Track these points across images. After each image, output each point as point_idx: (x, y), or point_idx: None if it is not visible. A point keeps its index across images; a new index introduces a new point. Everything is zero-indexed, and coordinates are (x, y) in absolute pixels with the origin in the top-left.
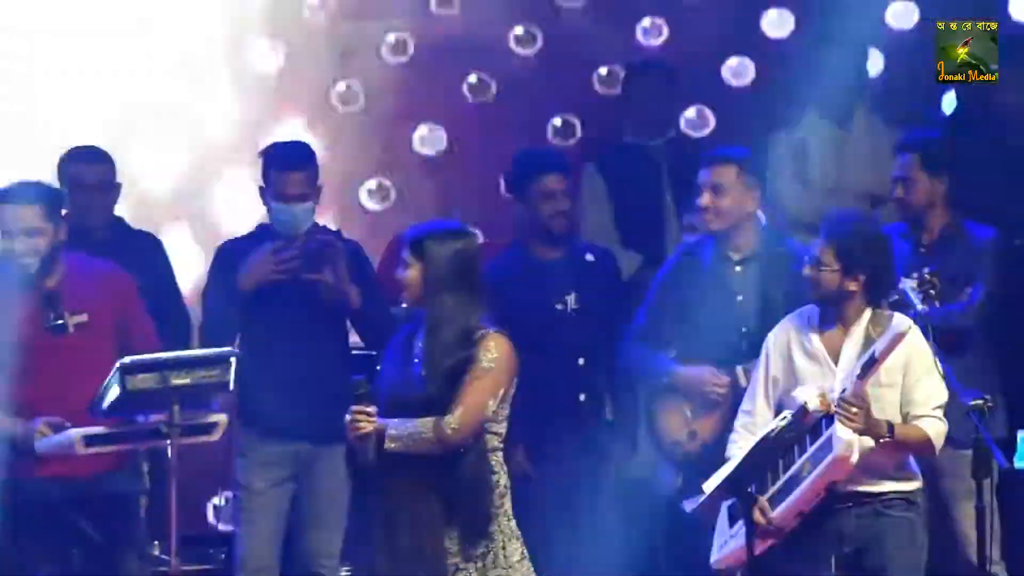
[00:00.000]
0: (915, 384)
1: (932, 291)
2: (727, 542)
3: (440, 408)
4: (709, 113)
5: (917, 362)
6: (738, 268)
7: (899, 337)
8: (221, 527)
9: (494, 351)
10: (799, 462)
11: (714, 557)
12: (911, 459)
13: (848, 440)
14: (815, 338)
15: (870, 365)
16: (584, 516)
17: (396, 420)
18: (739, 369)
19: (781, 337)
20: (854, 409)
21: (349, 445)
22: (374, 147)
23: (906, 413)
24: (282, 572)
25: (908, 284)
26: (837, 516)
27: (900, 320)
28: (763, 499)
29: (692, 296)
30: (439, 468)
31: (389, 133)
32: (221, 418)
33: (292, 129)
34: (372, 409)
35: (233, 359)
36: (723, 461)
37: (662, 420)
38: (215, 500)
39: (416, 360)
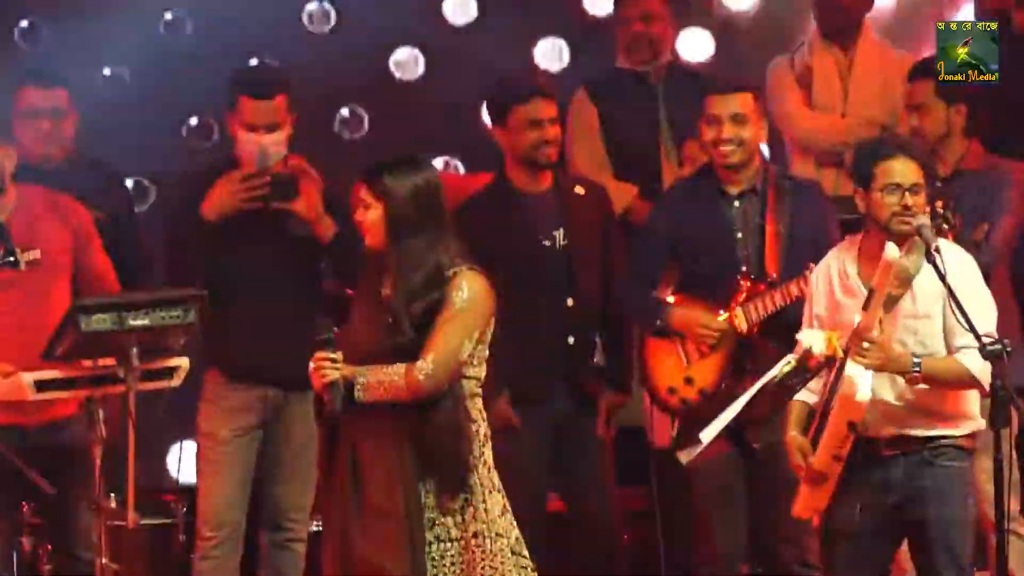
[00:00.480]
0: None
1: (945, 226)
2: None
3: (413, 356)
4: (707, 37)
5: (959, 287)
6: (737, 203)
7: (887, 266)
8: (182, 479)
9: (466, 290)
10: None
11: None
12: (967, 398)
13: (849, 376)
14: (853, 272)
15: (870, 296)
16: (572, 466)
17: (365, 368)
18: (738, 310)
19: (823, 272)
20: (864, 344)
21: (315, 394)
22: (349, 72)
23: (949, 345)
24: (248, 526)
25: (921, 219)
26: (885, 464)
27: (889, 247)
28: (805, 440)
29: (688, 233)
30: (412, 416)
31: (364, 57)
32: (182, 362)
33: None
34: (338, 355)
35: (196, 299)
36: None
37: (655, 366)
38: (176, 450)
39: (383, 305)
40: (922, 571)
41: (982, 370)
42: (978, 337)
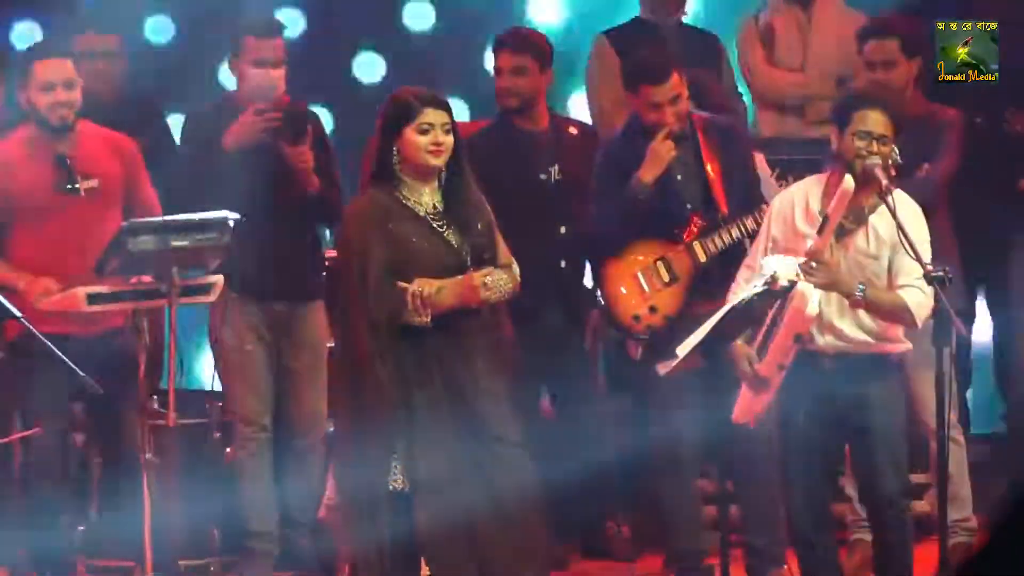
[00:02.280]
0: (899, 252)
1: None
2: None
3: (480, 265)
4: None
5: (908, 226)
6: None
7: (843, 195)
8: (217, 384)
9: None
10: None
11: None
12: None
13: (801, 291)
14: (816, 204)
15: (824, 222)
16: (563, 382)
17: (480, 271)
18: (696, 243)
19: (786, 199)
20: (813, 264)
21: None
22: (361, 20)
23: (891, 285)
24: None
25: (873, 160)
26: (829, 375)
27: (847, 179)
28: (750, 348)
29: (631, 176)
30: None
31: (376, 5)
32: (218, 279)
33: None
34: (494, 270)
35: (229, 222)
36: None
37: (617, 296)
38: (210, 359)
39: (440, 226)
40: (864, 474)
41: (919, 304)
42: (923, 264)
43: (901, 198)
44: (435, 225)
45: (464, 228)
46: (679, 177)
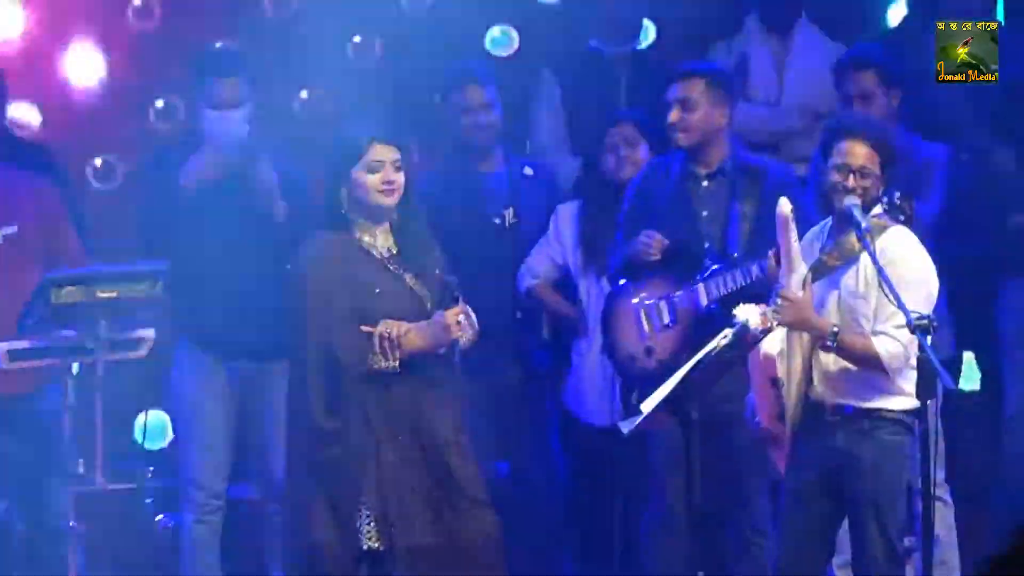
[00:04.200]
0: (883, 296)
1: (901, 216)
2: None
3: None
4: (649, 24)
5: (893, 274)
6: (705, 183)
7: (781, 221)
8: (147, 445)
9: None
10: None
11: None
12: (904, 375)
13: (743, 316)
14: (819, 243)
15: (783, 256)
16: (514, 437)
17: (453, 309)
18: (700, 286)
19: (808, 240)
20: (780, 301)
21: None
22: (306, 56)
23: (872, 329)
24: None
25: (851, 200)
26: (828, 430)
27: (782, 202)
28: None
29: (657, 211)
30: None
31: (319, 42)
32: (148, 333)
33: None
34: (467, 309)
35: (162, 273)
36: None
37: (620, 331)
38: (141, 418)
39: (398, 270)
40: (854, 541)
41: (891, 355)
42: (906, 312)
43: (895, 237)
44: (392, 269)
45: (422, 272)
46: (704, 214)
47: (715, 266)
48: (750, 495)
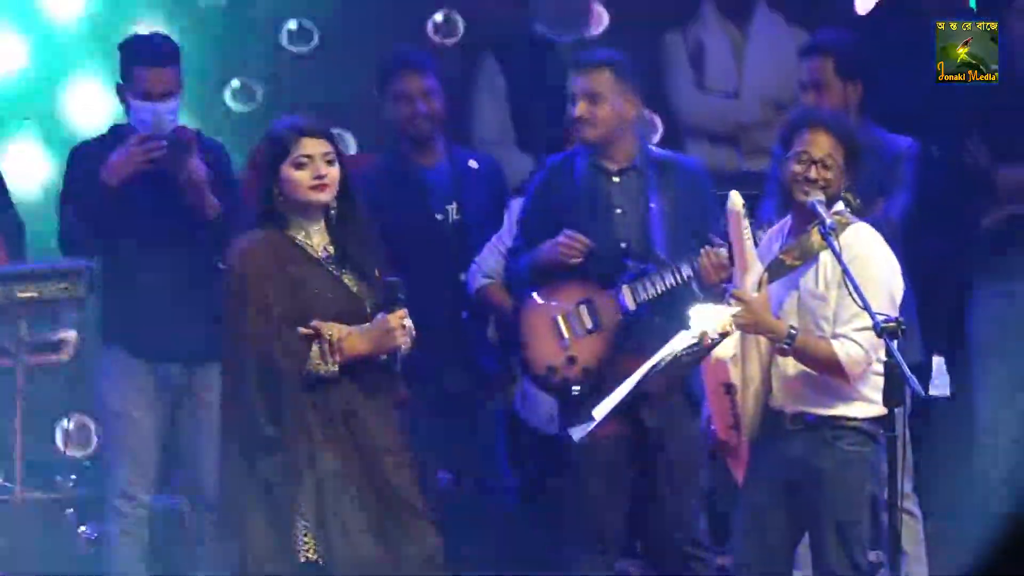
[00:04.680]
0: (846, 296)
1: (848, 208)
2: None
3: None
4: (602, 10)
5: (855, 273)
6: (616, 180)
7: (733, 216)
8: (70, 452)
9: None
10: None
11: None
12: (867, 381)
13: (699, 319)
14: (777, 241)
15: (734, 253)
16: (461, 442)
17: (397, 312)
18: (625, 288)
19: (766, 240)
20: (732, 303)
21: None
22: (239, 43)
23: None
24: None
25: (815, 196)
26: (787, 439)
27: (733, 196)
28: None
29: (565, 212)
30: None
31: (256, 28)
32: (71, 335)
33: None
34: (406, 313)
35: (86, 271)
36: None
37: (534, 342)
38: (64, 424)
39: (336, 269)
40: (815, 557)
41: (851, 360)
42: (872, 314)
43: (858, 234)
44: (331, 269)
45: (361, 272)
46: (618, 211)
47: (638, 266)
48: (693, 510)
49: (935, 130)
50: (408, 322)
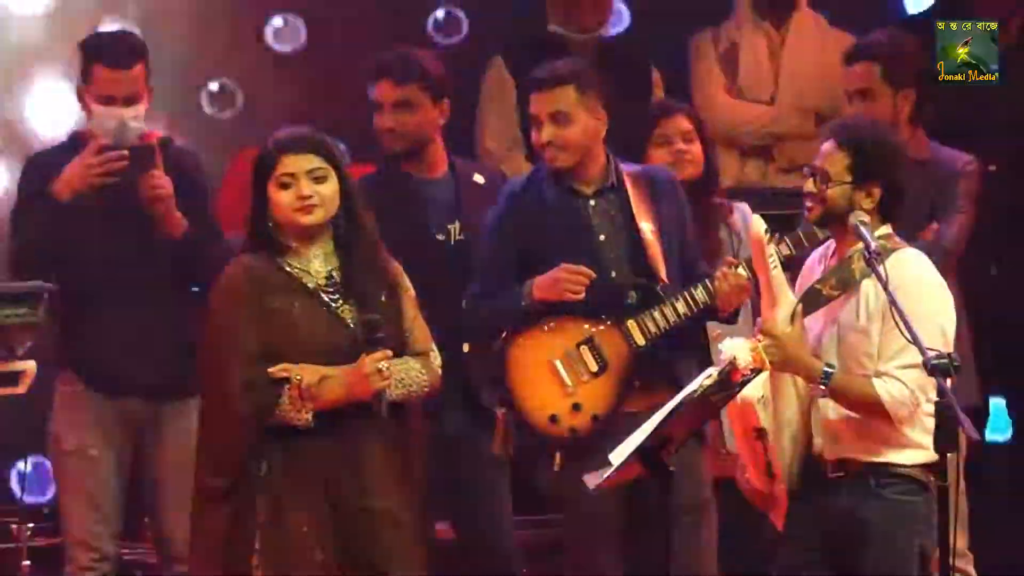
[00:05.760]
0: (891, 330)
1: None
2: None
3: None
4: (622, 7)
5: (903, 306)
6: (592, 203)
7: (755, 243)
8: (27, 498)
9: (406, 277)
10: None
11: None
12: (918, 423)
13: (731, 352)
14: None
15: (761, 286)
16: (464, 488)
17: (375, 354)
18: (630, 322)
19: (808, 265)
20: (760, 338)
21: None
22: (217, 41)
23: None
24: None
25: (859, 217)
26: (830, 488)
27: (755, 220)
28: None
29: (538, 245)
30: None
31: (236, 24)
32: (28, 366)
33: (120, 23)
34: (389, 353)
35: (43, 295)
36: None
37: (530, 392)
38: (20, 466)
39: (332, 297)
40: None
41: (895, 401)
42: (921, 348)
43: (906, 261)
44: (327, 298)
45: (361, 300)
46: (601, 237)
47: (641, 296)
48: (704, 557)
49: (996, 145)
50: (384, 365)
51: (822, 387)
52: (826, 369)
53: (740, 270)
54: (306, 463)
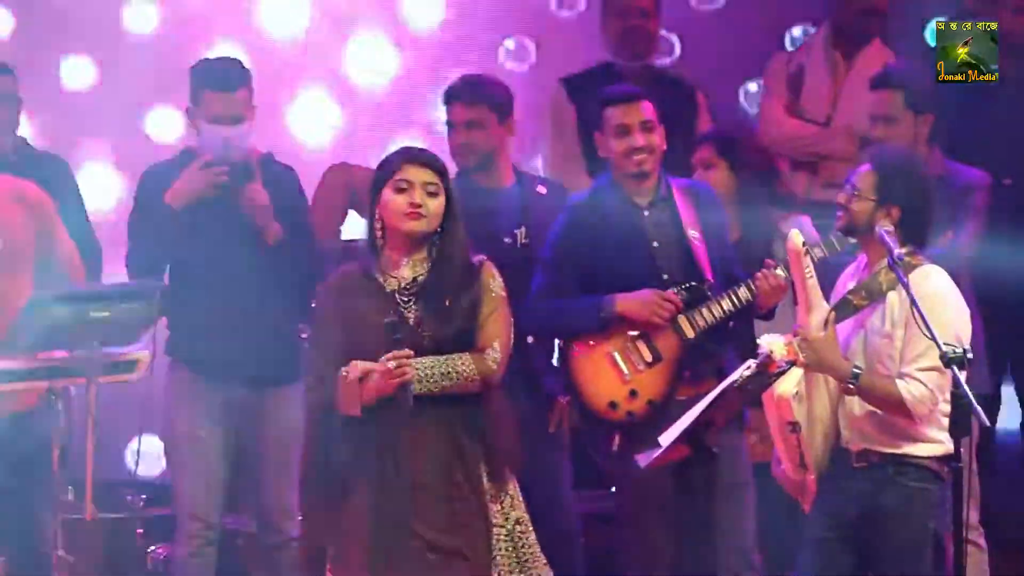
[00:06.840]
0: (912, 336)
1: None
2: None
3: (460, 346)
4: (674, 39)
5: (925, 311)
6: (647, 213)
7: (793, 254)
8: (140, 473)
9: (498, 278)
10: None
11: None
12: (934, 419)
13: (768, 346)
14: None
15: (793, 291)
16: (528, 460)
17: (416, 360)
18: (681, 318)
19: (845, 271)
20: (794, 340)
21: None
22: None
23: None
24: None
25: (883, 227)
26: (853, 475)
27: (793, 234)
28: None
29: (600, 251)
30: (464, 405)
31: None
32: (143, 356)
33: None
34: (410, 352)
35: (157, 292)
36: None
37: (590, 380)
38: (134, 444)
39: (407, 302)
40: None
41: (915, 399)
42: (939, 344)
43: (928, 275)
44: (402, 301)
45: (435, 306)
46: (655, 244)
47: (691, 295)
48: (748, 537)
49: (1007, 160)
50: (392, 364)
51: (851, 386)
52: (855, 370)
53: (779, 271)
54: (363, 448)
